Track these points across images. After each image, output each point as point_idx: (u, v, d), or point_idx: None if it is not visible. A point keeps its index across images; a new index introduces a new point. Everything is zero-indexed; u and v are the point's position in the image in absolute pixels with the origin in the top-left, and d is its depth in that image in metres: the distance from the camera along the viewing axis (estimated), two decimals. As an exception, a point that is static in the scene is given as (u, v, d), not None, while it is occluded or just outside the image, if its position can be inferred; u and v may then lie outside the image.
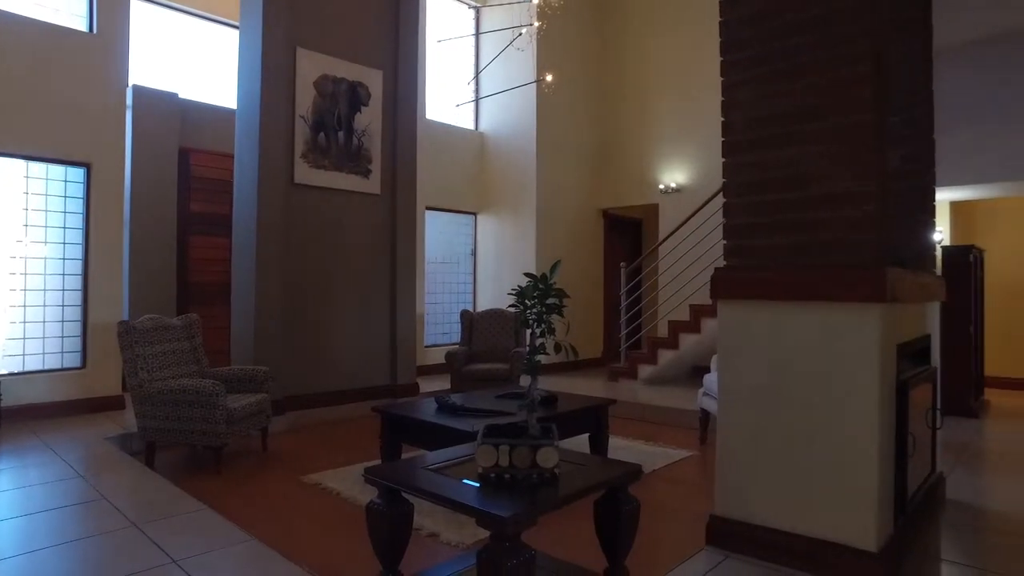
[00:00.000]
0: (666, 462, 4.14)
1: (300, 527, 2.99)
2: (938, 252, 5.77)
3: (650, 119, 8.31)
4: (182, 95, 6.26)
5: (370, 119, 5.74)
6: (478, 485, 1.96)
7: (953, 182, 5.62)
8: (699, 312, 6.30)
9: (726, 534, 2.62)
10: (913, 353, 2.82)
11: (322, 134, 5.41)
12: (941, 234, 6.11)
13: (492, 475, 1.98)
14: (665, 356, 6.60)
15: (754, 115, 2.62)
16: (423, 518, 2.95)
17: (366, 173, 5.73)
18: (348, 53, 5.60)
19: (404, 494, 2.08)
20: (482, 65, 8.34)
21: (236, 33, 5.72)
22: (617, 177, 8.70)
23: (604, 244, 9.05)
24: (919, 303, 2.91)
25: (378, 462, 3.57)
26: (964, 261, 5.61)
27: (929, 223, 3.28)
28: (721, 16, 2.78)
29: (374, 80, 5.77)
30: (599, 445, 3.85)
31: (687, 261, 6.68)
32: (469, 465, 2.15)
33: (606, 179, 8.82)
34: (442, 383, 6.47)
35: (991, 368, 7.04)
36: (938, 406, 3.18)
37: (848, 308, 2.33)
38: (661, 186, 8.11)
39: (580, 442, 3.92)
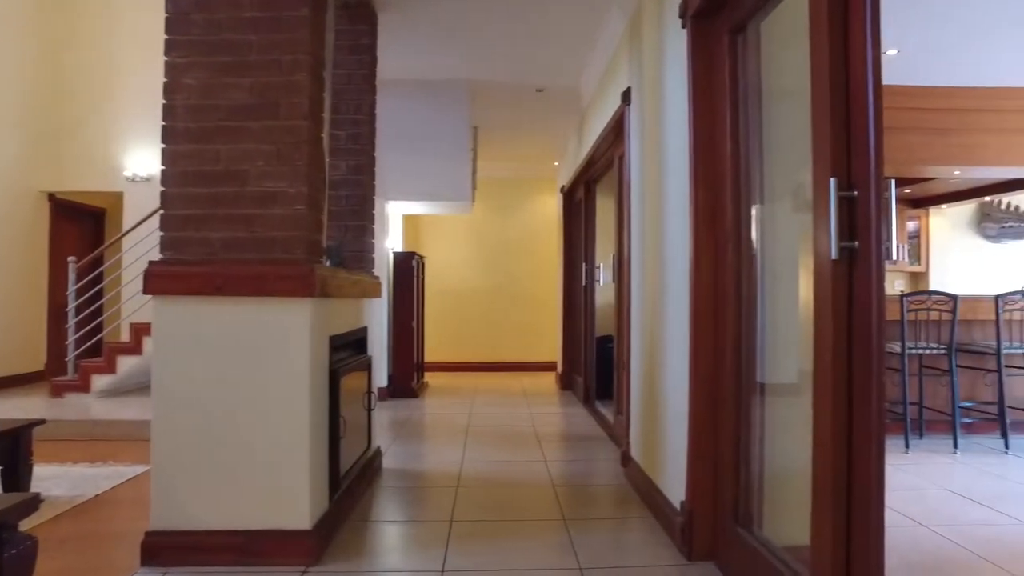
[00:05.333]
0: (116, 482, 3.66)
1: None
2: (391, 257, 6.67)
3: (118, 94, 7.29)
4: None
5: None
6: None
7: (406, 197, 6.56)
8: (168, 313, 5.82)
9: (165, 548, 2.44)
10: (348, 344, 3.15)
11: None
12: (394, 242, 7.07)
13: None
14: (127, 363, 5.89)
15: (199, 103, 2.52)
16: None
17: None
18: None
19: None
20: None
21: None
22: (71, 156, 7.36)
23: (51, 235, 7.55)
24: (355, 299, 3.26)
25: None
26: (408, 265, 6.62)
27: (368, 228, 3.73)
28: (168, -9, 2.59)
29: None
30: (17, 479, 3.15)
31: (155, 256, 6.10)
32: None
33: (54, 157, 7.35)
34: None
35: (431, 355, 8.52)
36: (373, 390, 3.63)
37: (281, 302, 2.44)
38: (128, 173, 7.22)
39: None
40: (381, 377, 6.31)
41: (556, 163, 8.43)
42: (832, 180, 1.62)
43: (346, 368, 2.92)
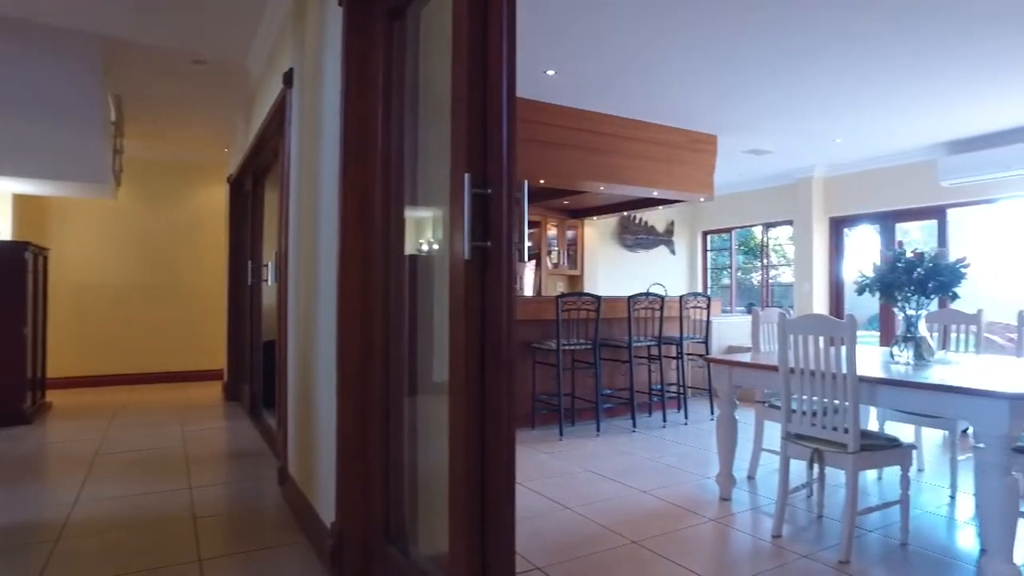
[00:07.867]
0: None
1: None
2: (-6, 247, 5.26)
3: None
4: None
5: None
6: None
7: (14, 173, 5.22)
8: None
9: None
10: None
11: None
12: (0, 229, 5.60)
13: None
14: None
15: None
16: None
17: None
18: None
19: None
20: None
21: None
22: None
23: None
24: None
25: None
26: (18, 259, 5.29)
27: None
28: None
29: None
30: None
31: None
32: None
33: None
34: None
35: (62, 369, 7.01)
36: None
37: None
38: None
39: None
40: (-26, 401, 4.92)
41: (226, 149, 7.59)
42: (466, 176, 1.54)
43: None
